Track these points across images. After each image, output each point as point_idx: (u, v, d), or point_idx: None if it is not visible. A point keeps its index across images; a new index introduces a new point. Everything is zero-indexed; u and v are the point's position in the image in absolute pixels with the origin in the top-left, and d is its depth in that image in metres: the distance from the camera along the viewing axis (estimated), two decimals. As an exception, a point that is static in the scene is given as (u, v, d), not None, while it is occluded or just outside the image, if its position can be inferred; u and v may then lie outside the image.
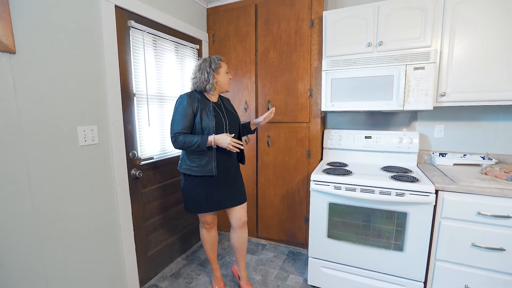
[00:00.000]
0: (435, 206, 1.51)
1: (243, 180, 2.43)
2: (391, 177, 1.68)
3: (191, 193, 1.66)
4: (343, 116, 2.32)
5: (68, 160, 1.40)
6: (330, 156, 2.27)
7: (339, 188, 1.69)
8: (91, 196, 1.53)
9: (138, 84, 1.80)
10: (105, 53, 1.56)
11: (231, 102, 1.92)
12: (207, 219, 1.79)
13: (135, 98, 1.78)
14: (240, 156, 1.82)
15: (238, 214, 1.75)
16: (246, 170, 2.48)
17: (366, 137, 2.14)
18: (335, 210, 1.75)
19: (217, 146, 1.55)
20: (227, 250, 2.43)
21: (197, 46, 2.37)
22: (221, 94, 1.81)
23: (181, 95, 1.61)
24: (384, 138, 2.08)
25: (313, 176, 1.77)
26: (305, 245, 2.38)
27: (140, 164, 1.84)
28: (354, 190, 1.65)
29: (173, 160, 2.15)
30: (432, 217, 1.51)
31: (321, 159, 2.27)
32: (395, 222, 1.61)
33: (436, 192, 1.50)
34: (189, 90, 1.70)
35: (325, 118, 2.39)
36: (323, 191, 1.74)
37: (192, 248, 2.46)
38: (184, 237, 2.35)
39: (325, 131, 2.29)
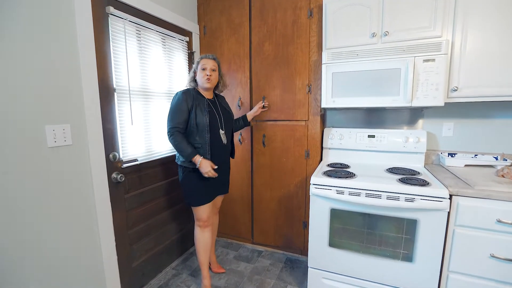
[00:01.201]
0: (448, 213, 1.36)
1: (238, 181, 2.31)
2: (399, 180, 1.53)
3: (190, 185, 1.70)
4: (344, 114, 2.17)
5: (34, 164, 1.22)
6: (330, 157, 2.11)
7: (342, 193, 1.54)
8: (64, 205, 1.35)
9: (119, 78, 1.62)
10: (79, 42, 1.38)
11: (226, 99, 1.96)
12: (203, 215, 1.74)
13: (115, 93, 1.60)
14: (231, 149, 1.90)
15: (217, 200, 1.94)
16: (240, 171, 2.32)
17: (369, 136, 1.99)
18: (337, 216, 1.60)
19: (210, 139, 1.65)
20: (219, 257, 2.27)
21: (187, 39, 2.19)
22: (217, 92, 1.86)
23: (177, 92, 1.68)
24: (388, 137, 1.93)
25: (313, 179, 1.62)
26: (303, 251, 2.23)
27: (122, 167, 1.67)
28: (358, 195, 1.50)
29: (161, 162, 1.98)
30: (445, 225, 1.36)
31: (321, 160, 2.12)
32: (404, 230, 1.46)
33: (450, 197, 1.35)
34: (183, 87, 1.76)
35: (325, 116, 2.23)
36: (324, 196, 1.58)
37: (183, 256, 2.29)
38: (174, 244, 2.18)
39: (325, 129, 2.13)
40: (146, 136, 1.85)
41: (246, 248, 2.41)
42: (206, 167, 1.60)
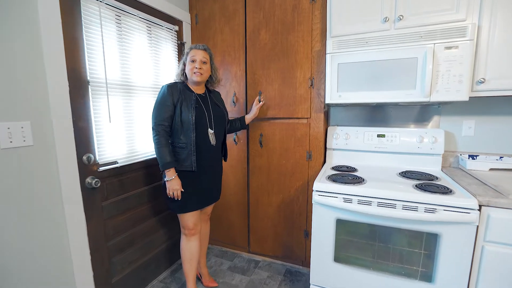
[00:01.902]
0: (477, 227, 1.15)
1: (232, 185, 2.11)
2: (416, 186, 1.32)
3: None
4: (350, 110, 1.96)
5: (-17, 169, 1.02)
6: (335, 159, 1.90)
7: (350, 201, 1.33)
8: (24, 216, 1.15)
9: (94, 69, 1.41)
10: (42, 26, 1.17)
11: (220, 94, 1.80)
12: (188, 223, 1.58)
13: (89, 87, 1.39)
14: (223, 151, 1.74)
15: (208, 208, 1.78)
16: (236, 174, 2.11)
17: (378, 136, 1.78)
18: (344, 228, 1.39)
19: (196, 139, 1.49)
20: (213, 267, 2.07)
21: (176, 28, 1.98)
22: (210, 87, 1.68)
23: (163, 86, 1.51)
24: (400, 136, 1.72)
25: (316, 185, 1.41)
26: (305, 262, 2.02)
27: (98, 170, 1.46)
28: (369, 204, 1.29)
29: (146, 164, 1.78)
30: (473, 241, 1.15)
31: (324, 162, 1.91)
32: (422, 245, 1.25)
33: (479, 207, 1.14)
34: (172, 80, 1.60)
35: (328, 113, 2.02)
36: (328, 205, 1.37)
37: (172, 267, 2.09)
38: (162, 255, 1.98)
39: (329, 128, 1.92)
40: (128, 136, 1.64)
41: (242, 258, 2.21)
42: (173, 184, 1.44)
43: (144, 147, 1.75)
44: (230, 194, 2.16)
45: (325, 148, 1.92)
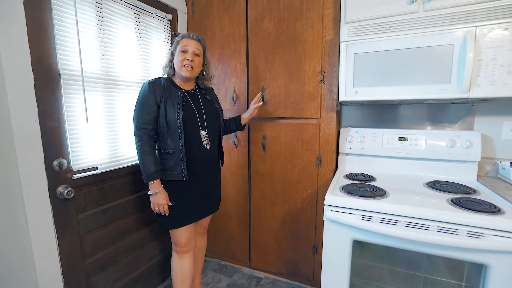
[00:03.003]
0: (538, 257, 0.90)
1: (232, 193, 1.89)
2: (452, 202, 1.08)
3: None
4: (365, 109, 1.71)
5: None
6: (348, 165, 1.66)
7: (370, 219, 1.09)
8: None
9: (67, 59, 1.21)
10: (-3, 5, 0.97)
11: (216, 92, 1.62)
12: (180, 239, 1.38)
13: (61, 80, 1.19)
14: (220, 154, 1.52)
15: (204, 221, 1.57)
16: (235, 181, 1.89)
17: (400, 139, 1.53)
18: (362, 250, 1.15)
19: (186, 143, 1.28)
20: (209, 285, 1.84)
21: (170, 16, 1.77)
22: (200, 85, 1.47)
23: (144, 83, 1.30)
24: (427, 139, 1.47)
25: (329, 198, 1.17)
26: (312, 281, 1.78)
27: (73, 178, 1.26)
28: (394, 223, 1.05)
29: (133, 169, 1.57)
30: (533, 276, 0.90)
31: (336, 168, 1.67)
32: (463, 276, 1.01)
33: (541, 233, 0.89)
34: (158, 75, 1.39)
35: (340, 112, 1.78)
36: (344, 223, 1.13)
37: (164, 283, 1.87)
38: (152, 270, 1.76)
39: (342, 130, 1.68)
40: (110, 137, 1.43)
41: (242, 274, 1.98)
42: (158, 199, 1.25)
43: (130, 150, 1.54)
44: (229, 202, 1.94)
45: (337, 153, 1.67)
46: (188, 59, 1.28)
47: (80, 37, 1.24)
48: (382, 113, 1.67)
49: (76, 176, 1.26)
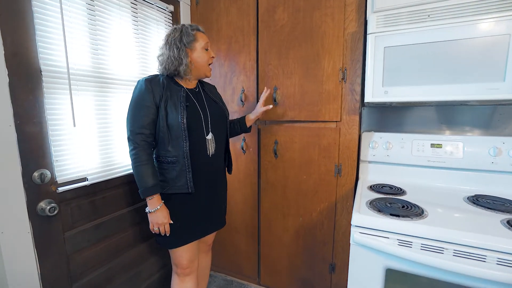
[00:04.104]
0: None
1: (240, 203, 1.72)
2: (509, 224, 0.88)
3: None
4: (384, 110, 1.52)
5: None
6: (371, 175, 1.47)
7: (409, 246, 0.90)
8: None
9: (49, 53, 1.03)
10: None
11: (220, 91, 1.45)
12: (181, 259, 1.21)
13: (42, 77, 1.02)
14: (227, 160, 1.36)
15: (209, 237, 1.41)
16: (243, 190, 1.71)
17: (432, 145, 1.34)
18: (398, 281, 0.97)
19: (191, 149, 1.11)
20: (214, 306, 1.67)
21: (171, 8, 1.60)
22: (202, 80, 1.29)
23: (139, 80, 1.13)
24: (465, 147, 1.28)
25: (357, 218, 0.99)
26: (329, 303, 1.60)
27: (57, 191, 1.09)
28: (440, 251, 0.86)
29: (129, 179, 1.39)
30: None
31: (357, 178, 1.48)
32: (528, 322, 0.81)
33: None
34: (156, 73, 1.20)
35: (361, 115, 1.59)
36: (376, 248, 0.95)
37: (165, 302, 1.70)
38: (150, 290, 1.59)
39: (363, 134, 1.49)
40: (103, 144, 1.26)
41: (250, 291, 1.80)
42: (158, 218, 1.09)
43: (125, 157, 1.37)
44: (236, 213, 1.76)
45: (358, 160, 1.49)
46: (213, 57, 1.21)
47: (66, 28, 1.06)
48: (405, 115, 1.48)
49: (61, 189, 1.09)
